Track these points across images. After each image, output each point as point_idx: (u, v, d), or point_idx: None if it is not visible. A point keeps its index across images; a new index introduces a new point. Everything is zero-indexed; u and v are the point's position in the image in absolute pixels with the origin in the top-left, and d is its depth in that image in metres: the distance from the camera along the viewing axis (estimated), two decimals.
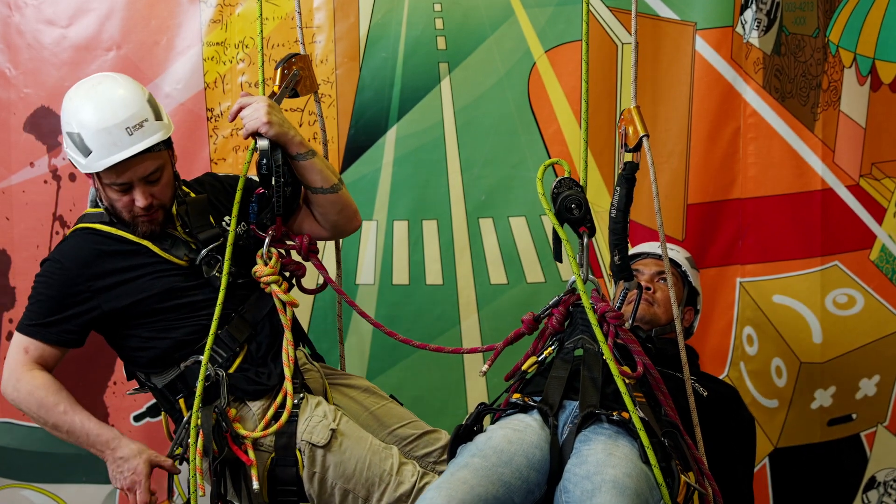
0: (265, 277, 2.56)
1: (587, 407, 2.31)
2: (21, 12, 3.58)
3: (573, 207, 2.35)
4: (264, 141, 2.54)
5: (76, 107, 2.47)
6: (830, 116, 3.64)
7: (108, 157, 2.42)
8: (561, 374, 2.43)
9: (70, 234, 2.59)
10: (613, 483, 2.09)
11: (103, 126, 2.41)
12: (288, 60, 2.73)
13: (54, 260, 2.53)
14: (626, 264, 2.49)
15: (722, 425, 2.78)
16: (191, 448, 2.42)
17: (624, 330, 2.37)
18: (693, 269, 3.11)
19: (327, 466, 2.45)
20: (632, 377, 2.32)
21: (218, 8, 3.57)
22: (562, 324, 2.49)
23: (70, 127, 2.46)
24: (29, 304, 2.54)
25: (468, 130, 3.66)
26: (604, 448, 2.20)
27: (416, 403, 3.65)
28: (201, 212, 2.64)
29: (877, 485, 3.82)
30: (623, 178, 2.46)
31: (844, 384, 3.75)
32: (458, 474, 2.16)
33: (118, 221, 2.55)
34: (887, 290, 3.72)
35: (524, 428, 2.31)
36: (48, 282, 2.51)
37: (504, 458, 2.21)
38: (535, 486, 2.23)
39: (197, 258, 2.56)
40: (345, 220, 2.79)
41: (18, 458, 3.68)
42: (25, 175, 3.63)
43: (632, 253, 3.10)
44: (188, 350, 2.52)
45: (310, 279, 2.78)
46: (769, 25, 3.61)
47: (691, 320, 3.09)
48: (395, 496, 2.45)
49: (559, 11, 3.60)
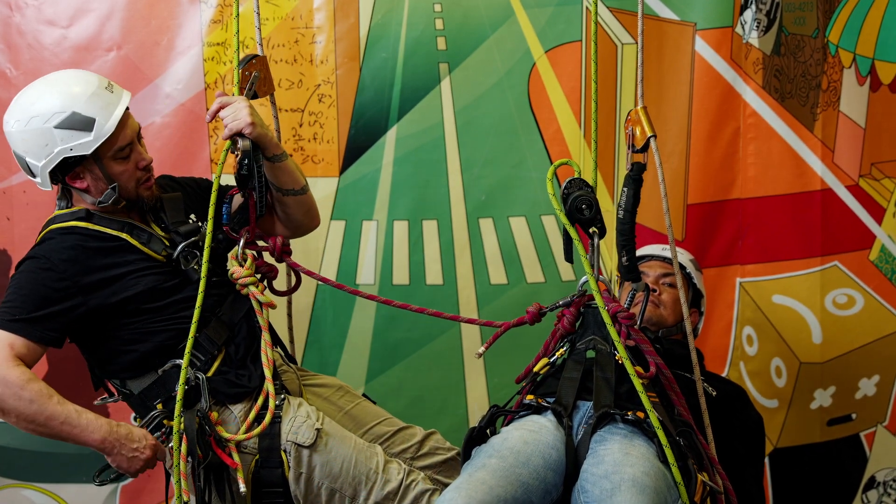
0: (243, 279, 2.55)
1: (602, 407, 2.32)
2: (21, 13, 3.59)
3: (584, 208, 2.36)
4: (247, 141, 2.53)
5: (50, 99, 2.42)
6: (830, 117, 3.65)
7: (111, 115, 2.43)
8: (574, 374, 2.44)
9: (47, 234, 2.52)
10: (633, 482, 2.09)
11: (91, 92, 2.43)
12: (248, 62, 2.70)
13: (38, 257, 2.45)
14: (633, 265, 2.49)
15: (730, 424, 2.79)
16: (174, 454, 2.39)
17: (636, 330, 2.37)
18: (697, 270, 3.12)
19: (313, 466, 2.45)
20: (645, 377, 2.33)
21: (218, 8, 3.57)
22: (573, 325, 2.50)
23: (55, 117, 2.40)
24: (8, 300, 2.42)
25: (468, 130, 3.66)
26: (620, 448, 2.21)
27: (416, 403, 3.67)
28: (176, 208, 2.63)
29: (876, 485, 3.82)
30: (630, 179, 2.46)
31: (844, 384, 3.75)
32: (476, 475, 2.17)
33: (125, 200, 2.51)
34: (887, 290, 3.72)
35: (539, 429, 2.31)
36: (33, 278, 2.43)
37: (521, 458, 2.21)
38: (552, 486, 2.23)
39: (174, 252, 2.54)
40: (308, 220, 2.79)
41: (19, 457, 3.68)
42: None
43: (638, 254, 3.10)
44: (167, 354, 2.50)
45: (279, 281, 2.76)
46: (769, 26, 3.61)
47: (696, 322, 3.11)
48: (383, 494, 2.46)
49: (559, 11, 3.60)
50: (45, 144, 2.42)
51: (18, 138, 2.46)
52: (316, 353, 3.68)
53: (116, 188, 2.49)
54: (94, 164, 2.47)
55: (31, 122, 2.42)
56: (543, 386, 2.51)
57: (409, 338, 3.65)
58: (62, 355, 3.61)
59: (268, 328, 2.56)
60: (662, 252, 3.08)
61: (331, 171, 3.65)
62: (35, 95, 2.46)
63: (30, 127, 2.42)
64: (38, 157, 2.44)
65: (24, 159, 2.48)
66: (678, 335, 2.96)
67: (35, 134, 2.42)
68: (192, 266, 2.54)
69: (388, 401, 2.89)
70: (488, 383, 3.69)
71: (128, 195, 2.53)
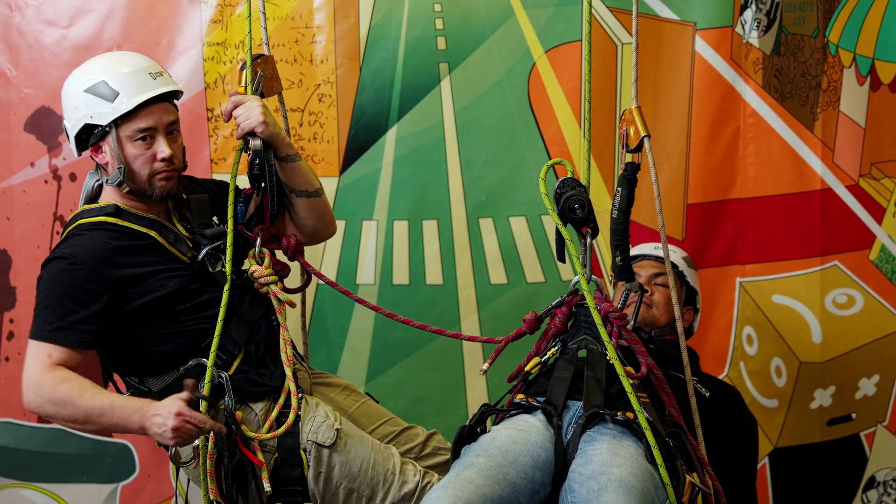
0: (263, 278, 2.57)
1: (591, 407, 2.32)
2: (22, 13, 3.59)
3: (576, 207, 2.36)
4: (258, 140, 2.54)
5: (94, 65, 2.52)
6: (830, 116, 3.65)
7: (137, 95, 2.44)
8: (565, 374, 2.44)
9: (74, 229, 2.50)
10: (620, 482, 2.09)
11: (129, 69, 2.48)
12: (254, 61, 2.69)
13: (66, 257, 2.41)
14: (627, 265, 2.49)
15: (723, 426, 2.78)
16: (200, 453, 2.40)
17: (627, 331, 2.38)
18: (690, 268, 3.11)
19: (333, 466, 2.46)
20: (636, 378, 2.33)
21: (218, 8, 3.57)
22: (565, 324, 2.50)
23: (88, 82, 2.46)
24: (41, 308, 2.40)
25: (468, 130, 3.66)
26: (609, 448, 2.21)
27: (416, 403, 3.67)
28: (203, 210, 2.63)
29: (876, 484, 3.82)
30: (624, 179, 2.46)
31: (844, 384, 3.75)
32: (463, 474, 2.17)
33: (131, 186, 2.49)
34: (887, 290, 3.72)
35: (528, 428, 2.32)
36: (62, 280, 2.39)
37: (509, 458, 2.22)
38: (540, 486, 2.24)
39: (199, 254, 2.54)
40: (323, 225, 2.78)
41: (19, 457, 3.69)
42: (26, 175, 3.63)
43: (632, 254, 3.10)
44: (190, 353, 2.50)
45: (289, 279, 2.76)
46: (769, 25, 3.61)
47: (691, 320, 3.10)
48: (400, 495, 2.46)
49: (559, 11, 3.60)
50: (75, 108, 2.48)
51: (63, 99, 2.54)
52: (316, 352, 3.68)
53: (123, 170, 2.47)
54: (113, 140, 2.46)
55: (71, 82, 2.52)
56: (535, 385, 2.51)
57: (409, 338, 3.65)
58: None
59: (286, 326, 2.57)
60: (655, 251, 3.08)
61: (331, 170, 3.65)
62: (90, 63, 2.55)
63: (68, 87, 2.52)
64: (70, 119, 2.51)
65: (63, 123, 2.55)
66: (672, 335, 2.94)
67: (70, 95, 2.51)
68: (220, 269, 2.54)
69: (388, 401, 2.89)
70: (488, 383, 3.69)
71: (137, 183, 2.50)
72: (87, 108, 2.45)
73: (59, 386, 2.32)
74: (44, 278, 2.43)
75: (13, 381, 3.61)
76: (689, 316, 3.07)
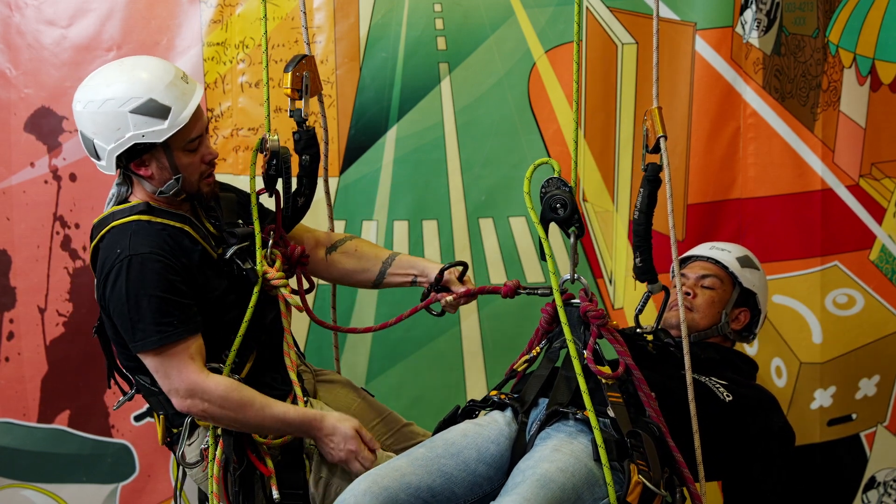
0: (275, 280, 2.53)
1: (554, 405, 2.34)
2: (21, 12, 3.59)
3: (558, 207, 2.36)
4: (275, 139, 2.51)
5: (126, 83, 2.36)
6: (830, 116, 3.65)
7: (186, 106, 2.39)
8: (542, 372, 2.47)
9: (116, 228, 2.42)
10: (540, 476, 2.10)
11: (168, 80, 2.38)
12: (298, 63, 2.64)
13: (137, 254, 2.35)
14: (647, 266, 2.47)
15: (743, 433, 2.66)
16: (209, 459, 2.40)
17: (608, 329, 2.37)
18: (747, 267, 2.96)
19: (334, 472, 2.46)
20: (609, 377, 2.32)
21: (218, 8, 3.57)
22: (550, 323, 2.51)
23: (129, 103, 2.34)
24: (152, 315, 2.33)
25: (468, 130, 3.66)
26: (555, 444, 2.22)
27: (416, 403, 3.67)
28: (231, 210, 2.60)
29: (877, 485, 3.82)
30: (646, 180, 2.45)
31: (844, 384, 3.75)
32: (394, 462, 2.22)
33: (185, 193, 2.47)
34: (887, 290, 3.72)
35: (488, 423, 2.35)
36: (151, 279, 2.34)
37: (452, 450, 2.26)
38: (483, 479, 2.26)
39: (227, 252, 2.51)
40: (353, 282, 2.86)
41: (18, 457, 3.68)
42: (26, 175, 3.63)
43: (684, 256, 3.06)
44: (211, 354, 2.45)
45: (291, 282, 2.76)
46: (769, 26, 3.61)
47: (745, 322, 2.95)
48: None
49: (559, 11, 3.60)
50: (118, 128, 2.35)
51: (89, 119, 2.38)
52: (316, 352, 3.67)
53: (180, 179, 2.43)
54: (163, 153, 2.41)
55: (105, 104, 2.35)
56: (520, 383, 2.52)
57: (409, 338, 3.65)
58: (62, 355, 3.63)
59: (290, 330, 2.56)
60: (709, 252, 3.00)
61: (331, 170, 3.62)
62: (112, 77, 2.39)
63: (103, 109, 2.35)
64: (108, 140, 2.37)
65: (93, 141, 2.40)
66: (717, 338, 2.88)
67: (109, 117, 2.35)
68: (250, 267, 2.51)
69: (388, 401, 2.89)
70: (488, 383, 3.69)
71: (190, 188, 2.47)
72: (137, 128, 2.35)
73: (231, 394, 2.36)
74: (131, 288, 2.35)
75: (13, 381, 3.61)
76: (743, 318, 2.95)
